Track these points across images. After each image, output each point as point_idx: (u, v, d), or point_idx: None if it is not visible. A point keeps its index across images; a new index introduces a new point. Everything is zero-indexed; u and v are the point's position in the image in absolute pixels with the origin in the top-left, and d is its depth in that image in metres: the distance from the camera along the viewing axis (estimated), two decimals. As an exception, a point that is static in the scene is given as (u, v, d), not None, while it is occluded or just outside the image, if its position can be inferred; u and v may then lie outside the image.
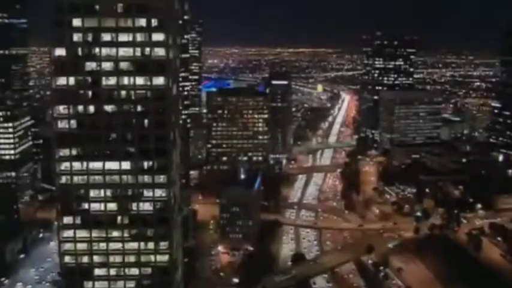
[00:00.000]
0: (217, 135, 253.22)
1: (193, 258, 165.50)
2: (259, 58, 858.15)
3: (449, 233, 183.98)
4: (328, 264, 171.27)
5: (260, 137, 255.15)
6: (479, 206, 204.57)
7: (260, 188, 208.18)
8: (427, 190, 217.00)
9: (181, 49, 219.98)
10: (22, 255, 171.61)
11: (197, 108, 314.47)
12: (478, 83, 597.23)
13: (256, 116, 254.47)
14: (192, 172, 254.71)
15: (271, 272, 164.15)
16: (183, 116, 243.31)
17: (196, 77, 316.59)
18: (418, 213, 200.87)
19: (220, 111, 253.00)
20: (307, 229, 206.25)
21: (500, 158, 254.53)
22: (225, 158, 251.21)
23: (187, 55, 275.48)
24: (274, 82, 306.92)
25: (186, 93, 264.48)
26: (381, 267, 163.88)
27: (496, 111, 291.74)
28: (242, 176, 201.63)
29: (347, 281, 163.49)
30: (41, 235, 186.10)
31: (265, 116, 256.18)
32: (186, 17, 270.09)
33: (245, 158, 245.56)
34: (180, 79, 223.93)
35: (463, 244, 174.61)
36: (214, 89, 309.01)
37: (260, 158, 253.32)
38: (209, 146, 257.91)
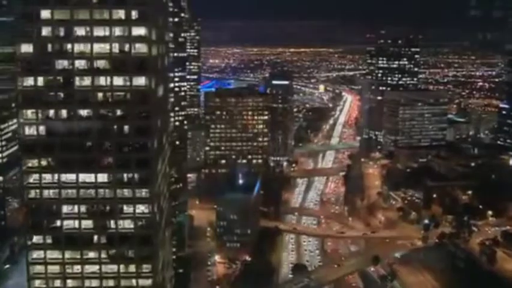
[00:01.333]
0: (215, 137, 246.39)
1: (188, 269, 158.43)
2: (261, 58, 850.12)
3: (460, 242, 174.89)
4: (331, 276, 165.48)
5: (260, 139, 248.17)
6: (490, 212, 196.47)
7: (259, 192, 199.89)
8: (434, 195, 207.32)
9: (177, 47, 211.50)
10: (8, 265, 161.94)
11: (196, 109, 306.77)
12: (481, 83, 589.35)
13: (256, 117, 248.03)
14: (189, 175, 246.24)
15: (270, 285, 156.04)
16: (180, 118, 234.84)
17: (194, 76, 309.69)
18: (426, 221, 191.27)
19: (218, 112, 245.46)
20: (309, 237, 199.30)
21: (511, 161, 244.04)
22: (223, 161, 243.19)
23: (185, 54, 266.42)
24: (275, 82, 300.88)
25: (183, 93, 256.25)
26: (388, 278, 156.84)
27: (503, 112, 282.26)
28: (241, 181, 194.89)
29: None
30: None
31: (265, 117, 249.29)
32: (183, 15, 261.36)
33: (244, 161, 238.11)
34: (177, 79, 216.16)
35: (475, 255, 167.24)
36: (213, 89, 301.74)
37: (260, 161, 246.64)
38: (207, 148, 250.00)
